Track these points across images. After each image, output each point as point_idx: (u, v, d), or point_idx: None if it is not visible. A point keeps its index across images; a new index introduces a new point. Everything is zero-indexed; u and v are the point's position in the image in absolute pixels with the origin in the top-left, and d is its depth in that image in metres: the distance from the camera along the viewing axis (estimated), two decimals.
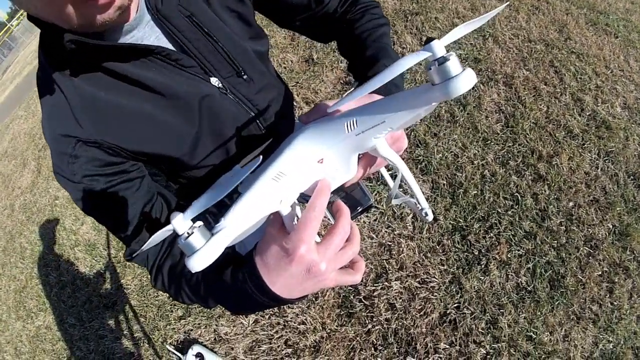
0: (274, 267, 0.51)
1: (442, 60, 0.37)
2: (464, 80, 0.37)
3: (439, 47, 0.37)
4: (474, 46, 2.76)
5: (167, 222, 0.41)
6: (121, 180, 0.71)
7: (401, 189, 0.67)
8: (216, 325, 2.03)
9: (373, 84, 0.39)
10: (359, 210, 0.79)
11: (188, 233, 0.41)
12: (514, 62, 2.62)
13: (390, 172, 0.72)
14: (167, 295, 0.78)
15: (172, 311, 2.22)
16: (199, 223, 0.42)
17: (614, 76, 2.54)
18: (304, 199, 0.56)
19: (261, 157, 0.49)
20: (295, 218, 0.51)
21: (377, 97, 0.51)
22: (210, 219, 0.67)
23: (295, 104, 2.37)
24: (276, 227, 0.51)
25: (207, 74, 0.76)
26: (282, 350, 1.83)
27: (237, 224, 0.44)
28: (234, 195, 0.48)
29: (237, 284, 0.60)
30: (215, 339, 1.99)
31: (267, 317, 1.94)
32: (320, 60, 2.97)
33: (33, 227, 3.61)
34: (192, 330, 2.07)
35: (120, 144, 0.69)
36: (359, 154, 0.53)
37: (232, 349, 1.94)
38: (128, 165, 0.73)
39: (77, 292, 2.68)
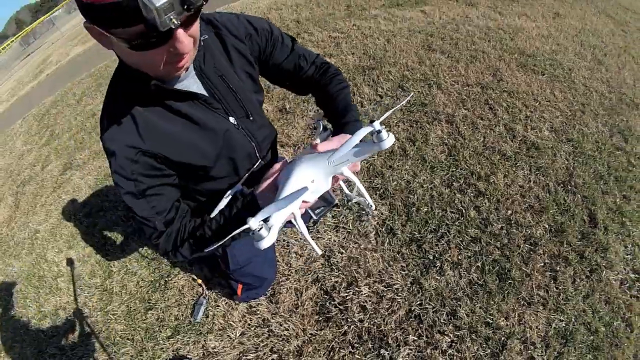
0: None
1: (379, 131, 0.78)
2: (389, 141, 0.77)
3: (377, 124, 0.78)
4: (420, 93, 3.23)
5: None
6: (161, 183, 1.05)
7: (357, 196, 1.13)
8: (204, 340, 2.09)
9: (349, 143, 0.82)
10: (330, 205, 1.20)
11: (258, 228, 0.72)
12: (454, 103, 3.07)
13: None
14: (181, 254, 1.09)
15: (160, 331, 2.22)
16: (262, 223, 0.74)
17: (541, 106, 2.98)
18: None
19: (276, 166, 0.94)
20: None
21: (348, 136, 0.87)
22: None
23: None
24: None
25: (227, 114, 1.14)
26: (269, 357, 1.93)
27: (278, 223, 0.78)
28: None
29: (235, 206, 0.99)
30: (204, 353, 2.06)
31: (252, 328, 2.04)
32: (292, 110, 3.42)
33: (9, 260, 3.51)
34: (180, 347, 2.11)
35: (168, 155, 1.03)
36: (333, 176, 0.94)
37: None
38: (168, 173, 1.07)
39: (59, 322, 2.61)
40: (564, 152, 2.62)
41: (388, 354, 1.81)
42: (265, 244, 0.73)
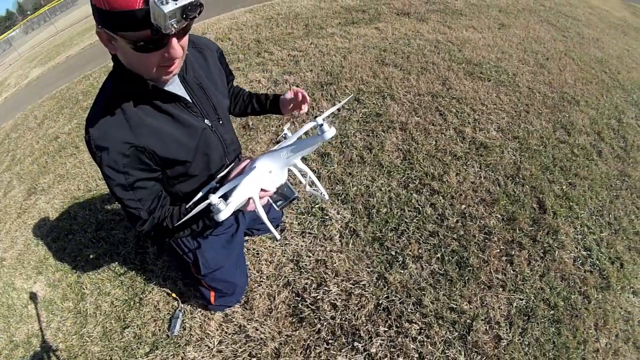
0: None
1: (321, 125, 1.00)
2: (330, 132, 1.01)
3: (320, 119, 1.00)
4: (375, 104, 3.42)
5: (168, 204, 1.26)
6: (148, 177, 1.21)
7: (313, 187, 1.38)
8: (183, 353, 2.10)
9: (295, 135, 1.14)
10: (290, 199, 1.35)
11: (218, 203, 0.93)
12: (407, 112, 3.27)
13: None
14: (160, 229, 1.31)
15: (138, 348, 2.21)
16: (221, 199, 0.95)
17: (488, 109, 3.21)
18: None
19: (241, 164, 1.18)
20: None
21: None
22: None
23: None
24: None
25: (203, 116, 1.32)
26: None
27: (236, 201, 0.99)
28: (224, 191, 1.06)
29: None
30: None
31: (229, 336, 2.08)
32: (255, 126, 3.53)
33: None
34: None
35: (155, 150, 1.17)
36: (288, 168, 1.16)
37: None
38: (154, 168, 1.22)
39: (32, 350, 2.54)
40: (511, 149, 2.83)
41: (362, 346, 1.90)
42: (222, 216, 0.92)
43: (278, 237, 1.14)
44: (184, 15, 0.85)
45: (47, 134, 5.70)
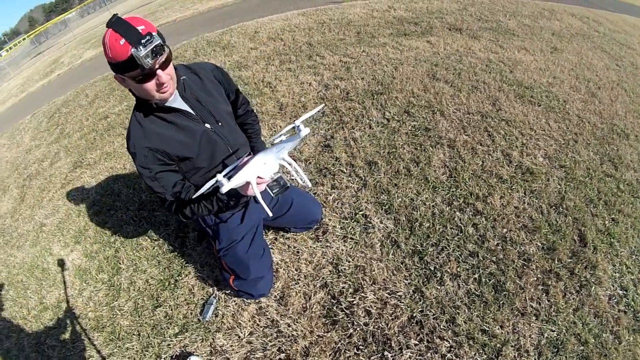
0: None
1: (299, 127, 1.36)
2: (305, 131, 1.32)
3: (297, 122, 1.38)
4: (425, 119, 3.44)
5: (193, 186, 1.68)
6: (165, 170, 1.61)
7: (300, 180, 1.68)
8: (213, 339, 2.15)
9: (280, 134, 1.51)
10: (283, 187, 1.68)
11: (221, 179, 1.22)
12: (456, 129, 3.27)
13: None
14: (186, 211, 1.66)
15: (168, 328, 2.27)
16: (225, 178, 1.26)
17: (536, 135, 3.17)
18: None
19: (244, 158, 1.54)
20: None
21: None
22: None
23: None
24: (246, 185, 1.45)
25: (203, 122, 1.67)
26: (276, 356, 2.00)
27: (235, 180, 1.26)
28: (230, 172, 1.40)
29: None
30: (211, 351, 2.11)
31: (261, 328, 2.13)
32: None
33: (11, 250, 3.55)
34: (188, 345, 2.16)
35: (166, 149, 1.58)
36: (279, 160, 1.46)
37: (228, 359, 2.06)
38: (169, 162, 1.62)
39: (61, 315, 2.64)
40: (557, 177, 2.80)
41: (391, 356, 1.91)
42: (224, 189, 1.22)
43: (270, 214, 1.48)
44: (154, 54, 1.28)
45: (97, 112, 5.88)
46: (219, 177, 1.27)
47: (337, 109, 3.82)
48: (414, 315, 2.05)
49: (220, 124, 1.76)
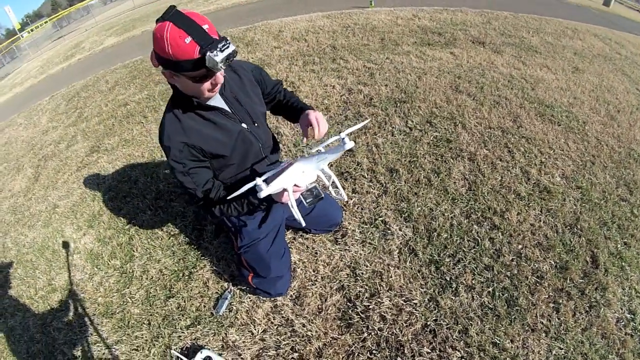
0: None
1: (344, 139, 1.42)
2: (349, 144, 1.41)
3: (344, 134, 1.43)
4: (446, 130, 3.47)
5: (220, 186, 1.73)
6: (198, 166, 1.62)
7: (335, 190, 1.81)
8: (225, 333, 2.15)
9: (324, 144, 1.57)
10: (318, 198, 1.64)
11: (261, 184, 1.25)
12: (477, 143, 3.30)
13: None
14: (214, 206, 1.70)
15: (180, 320, 2.26)
16: (264, 183, 1.32)
17: (555, 154, 3.20)
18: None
19: (280, 165, 1.59)
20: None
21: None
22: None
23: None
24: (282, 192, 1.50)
25: (240, 121, 1.71)
26: (290, 355, 2.01)
27: (274, 186, 1.31)
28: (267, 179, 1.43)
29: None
30: (223, 346, 2.11)
31: (275, 326, 2.15)
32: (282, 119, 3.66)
33: (22, 229, 3.53)
34: (199, 338, 2.16)
35: (202, 146, 1.59)
36: (317, 171, 1.51)
37: (240, 355, 2.05)
38: (202, 159, 1.63)
39: (69, 297, 2.61)
40: (573, 198, 2.83)
41: None
42: (262, 194, 1.27)
43: (303, 223, 1.55)
44: (228, 60, 1.27)
45: (116, 99, 5.90)
46: (259, 181, 1.31)
47: (360, 114, 3.85)
48: (428, 323, 2.08)
49: (256, 124, 1.79)
